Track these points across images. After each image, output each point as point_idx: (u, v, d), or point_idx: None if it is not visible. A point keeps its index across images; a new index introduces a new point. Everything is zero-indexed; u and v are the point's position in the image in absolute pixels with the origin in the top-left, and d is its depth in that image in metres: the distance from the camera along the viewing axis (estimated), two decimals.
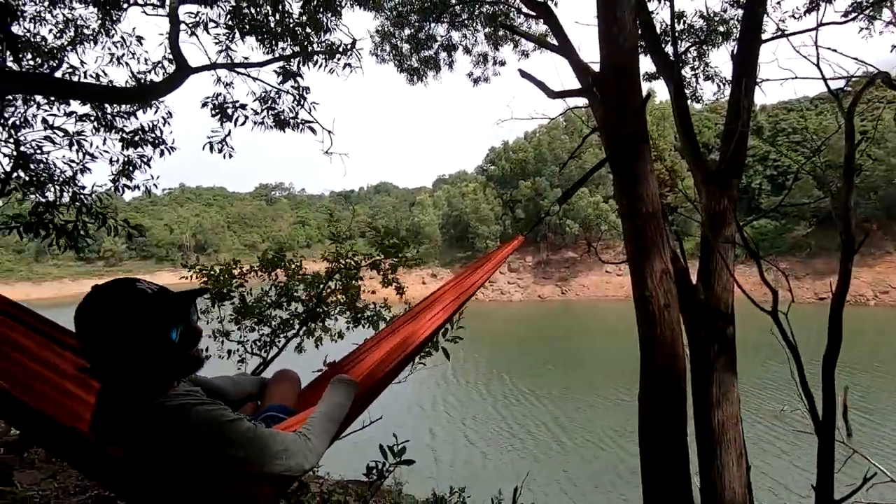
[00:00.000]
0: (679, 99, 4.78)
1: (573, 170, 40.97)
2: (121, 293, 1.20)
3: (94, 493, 3.14)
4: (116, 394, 1.24)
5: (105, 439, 1.24)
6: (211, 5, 6.43)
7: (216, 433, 1.21)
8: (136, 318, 1.18)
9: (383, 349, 1.97)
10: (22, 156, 5.55)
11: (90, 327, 1.18)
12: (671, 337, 3.08)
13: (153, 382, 1.24)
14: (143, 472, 1.26)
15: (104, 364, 1.20)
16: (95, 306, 1.18)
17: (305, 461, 1.30)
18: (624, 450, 13.96)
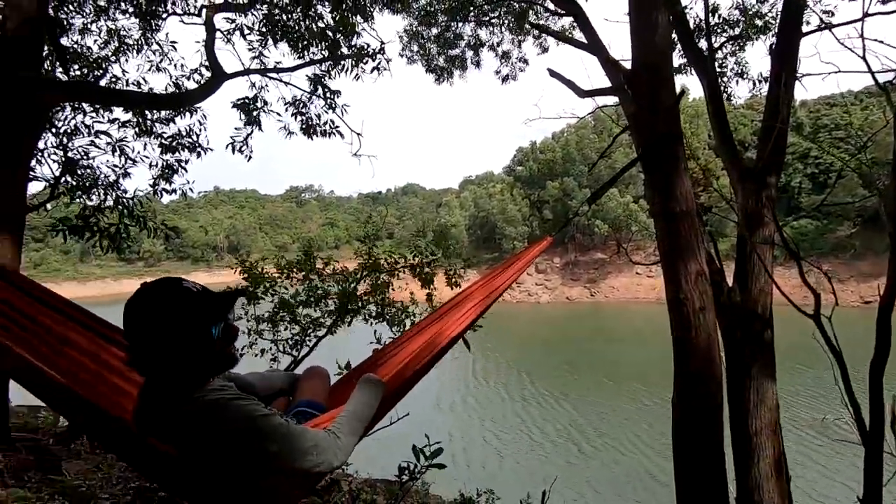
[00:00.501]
0: (714, 96, 4.64)
1: (602, 170, 40.31)
2: (167, 291, 1.26)
3: (135, 485, 3.27)
4: (157, 387, 1.29)
5: (146, 431, 1.29)
6: (245, 13, 6.62)
7: (251, 427, 1.24)
8: (181, 315, 1.24)
9: (410, 348, 1.98)
10: (69, 161, 5.84)
11: (137, 321, 1.24)
12: (707, 340, 2.98)
13: (192, 377, 1.29)
14: (182, 465, 1.31)
15: (148, 357, 1.26)
16: (143, 302, 1.24)
17: (335, 459, 1.33)
18: (646, 456, 13.65)
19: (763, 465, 3.72)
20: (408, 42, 8.37)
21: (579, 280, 48.88)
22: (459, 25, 8.17)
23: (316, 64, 6.64)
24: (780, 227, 3.64)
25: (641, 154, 3.12)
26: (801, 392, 18.03)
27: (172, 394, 1.27)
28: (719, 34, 7.02)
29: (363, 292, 5.16)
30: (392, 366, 1.89)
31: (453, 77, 8.62)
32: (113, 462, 4.11)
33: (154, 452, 1.32)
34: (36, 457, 3.67)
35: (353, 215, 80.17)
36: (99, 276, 57.53)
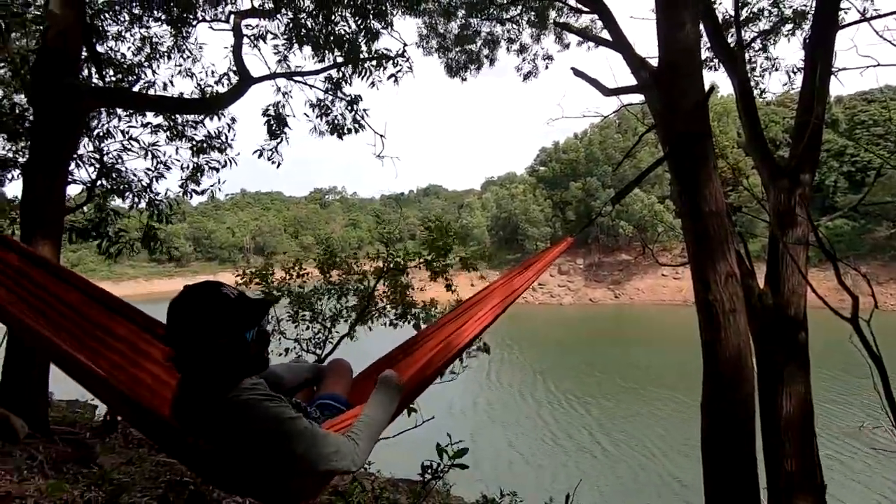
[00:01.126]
0: (744, 92, 4.52)
1: (627, 170, 39.63)
2: (207, 295, 1.33)
3: (167, 479, 3.36)
4: (193, 385, 1.35)
5: (182, 425, 1.36)
6: (271, 18, 6.76)
7: (278, 429, 1.30)
8: (217, 318, 1.31)
9: (429, 346, 1.99)
10: (104, 165, 6.06)
11: (178, 321, 1.31)
12: (737, 343, 2.90)
13: (226, 377, 1.34)
14: (215, 457, 1.37)
15: (186, 356, 1.32)
16: (184, 304, 1.32)
17: (353, 465, 1.39)
18: (672, 461, 13.35)
19: (796, 474, 3.60)
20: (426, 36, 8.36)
21: (603, 282, 48.18)
22: (479, 22, 8.14)
23: (339, 67, 6.74)
24: (815, 227, 3.51)
25: (669, 152, 3.05)
26: (837, 399, 17.38)
27: (206, 392, 1.32)
28: (750, 29, 6.83)
29: (383, 293, 5.21)
30: (411, 362, 1.91)
31: (468, 73, 8.60)
32: (145, 456, 4.24)
33: (189, 444, 1.38)
34: (73, 449, 3.81)
35: (376, 216, 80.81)
36: (131, 275, 59.39)
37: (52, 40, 4.15)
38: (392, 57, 6.69)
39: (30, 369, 4.09)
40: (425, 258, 5.27)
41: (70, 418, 5.59)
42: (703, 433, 3.13)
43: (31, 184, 4.14)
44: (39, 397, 4.19)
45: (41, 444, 3.68)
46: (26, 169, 4.30)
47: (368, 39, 6.70)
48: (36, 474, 3.00)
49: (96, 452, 3.91)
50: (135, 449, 4.52)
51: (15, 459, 3.18)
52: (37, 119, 4.38)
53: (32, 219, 4.09)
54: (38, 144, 4.25)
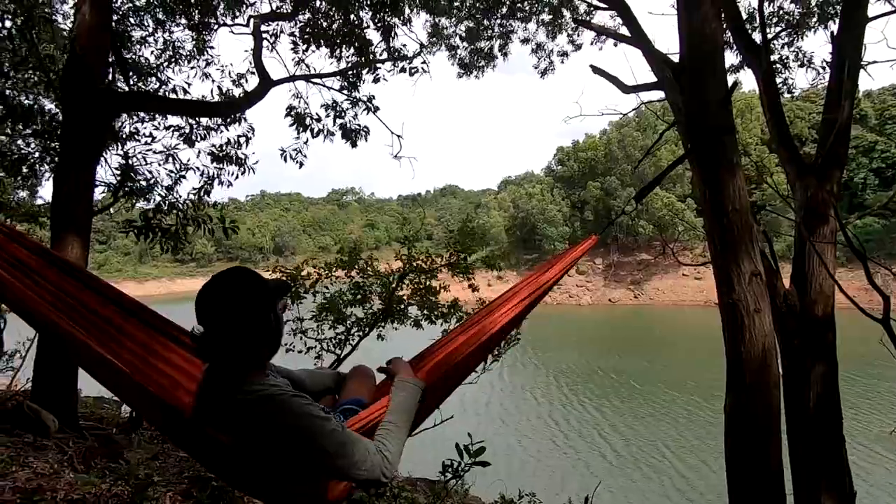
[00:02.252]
0: (769, 87, 4.41)
1: (646, 168, 39.07)
2: (237, 277, 1.38)
3: (190, 474, 3.43)
4: (218, 372, 1.36)
5: (204, 420, 1.36)
6: (290, 20, 6.85)
7: (309, 425, 1.29)
8: (251, 295, 1.35)
9: (454, 348, 1.98)
10: (129, 167, 6.21)
11: (211, 301, 1.34)
12: (762, 346, 2.82)
13: (251, 360, 1.36)
14: (236, 454, 1.37)
15: (214, 338, 1.33)
16: (218, 284, 1.36)
17: (383, 476, 1.35)
18: (686, 464, 13.12)
19: (825, 480, 3.49)
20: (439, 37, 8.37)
21: (622, 282, 47.58)
22: (494, 21, 8.12)
23: (356, 68, 6.80)
24: (844, 226, 3.41)
25: (691, 150, 2.99)
26: (867, 404, 16.85)
27: (232, 379, 1.33)
28: (775, 23, 6.67)
29: (406, 295, 5.23)
30: (436, 365, 1.90)
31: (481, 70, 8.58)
32: (169, 452, 4.34)
33: (210, 441, 1.38)
34: (101, 444, 3.91)
35: (393, 217, 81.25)
36: (155, 276, 60.82)
37: (82, 46, 4.27)
38: (409, 57, 6.72)
39: (59, 367, 4.22)
40: (448, 261, 5.29)
41: (97, 414, 5.75)
42: (727, 438, 3.05)
43: (61, 186, 4.27)
44: (69, 394, 4.32)
45: (71, 439, 3.79)
46: (57, 171, 4.43)
47: (384, 36, 6.74)
48: (66, 468, 3.09)
49: (122, 447, 4.01)
50: (159, 444, 4.63)
51: (47, 453, 3.29)
52: (66, 123, 4.51)
53: (63, 219, 4.21)
54: (67, 147, 4.38)
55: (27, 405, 3.84)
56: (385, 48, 6.85)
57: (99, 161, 4.89)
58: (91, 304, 1.63)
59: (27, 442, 3.42)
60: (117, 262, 59.18)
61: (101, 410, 6.19)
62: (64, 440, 3.72)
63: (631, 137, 49.96)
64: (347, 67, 6.81)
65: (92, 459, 3.43)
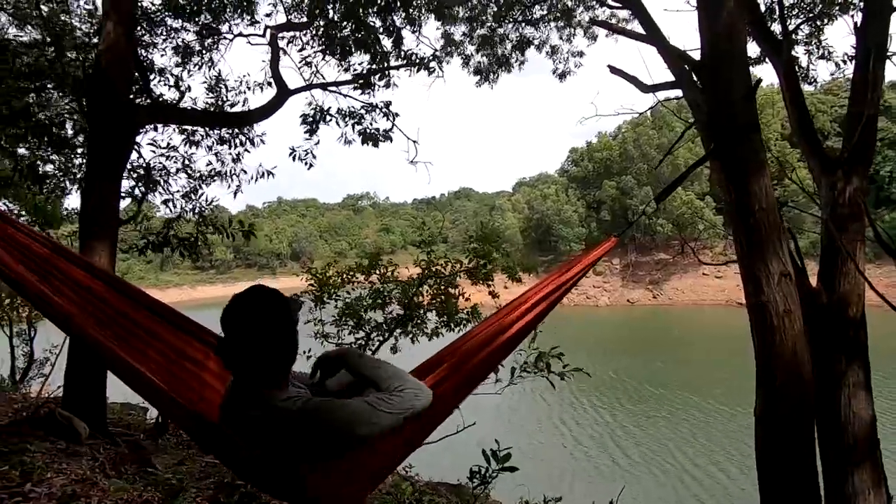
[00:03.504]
0: (790, 81, 4.32)
1: (664, 167, 38.57)
2: (264, 294, 1.41)
3: (216, 480, 3.48)
4: (244, 384, 1.39)
5: (231, 429, 1.39)
6: (305, 30, 6.94)
7: (352, 419, 1.33)
8: (275, 312, 1.39)
9: (473, 349, 1.97)
10: (151, 177, 6.36)
11: (235, 322, 1.37)
12: (793, 347, 2.74)
13: (273, 373, 1.39)
14: (262, 461, 1.39)
15: (241, 351, 1.36)
16: (246, 303, 1.39)
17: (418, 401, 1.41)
18: (700, 467, 12.83)
19: (859, 484, 3.38)
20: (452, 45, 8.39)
21: (641, 282, 46.97)
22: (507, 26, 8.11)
23: (371, 74, 6.86)
24: (873, 221, 3.31)
25: (714, 148, 2.94)
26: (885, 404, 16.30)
27: (254, 393, 1.36)
28: (795, 15, 6.53)
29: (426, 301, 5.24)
30: (452, 367, 1.90)
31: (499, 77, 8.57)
32: (194, 457, 4.40)
33: (237, 448, 1.41)
34: (130, 450, 3.99)
35: (408, 221, 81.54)
36: (176, 283, 61.98)
37: (107, 61, 4.39)
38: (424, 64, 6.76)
39: (89, 374, 4.32)
40: (467, 267, 5.28)
41: (124, 420, 5.87)
42: (758, 444, 2.96)
43: (89, 196, 4.39)
44: (98, 400, 4.42)
45: (101, 445, 3.87)
46: (85, 182, 4.56)
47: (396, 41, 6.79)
48: (98, 474, 3.16)
49: (150, 453, 4.08)
50: (185, 450, 4.70)
51: (80, 460, 3.36)
52: (92, 136, 4.63)
53: (91, 230, 4.32)
54: (94, 159, 4.50)
55: (59, 412, 3.94)
56: (397, 53, 6.90)
57: (124, 172, 5.01)
58: (121, 307, 1.67)
59: (60, 448, 3.50)
60: (140, 269, 60.42)
61: (127, 417, 6.32)
62: (95, 446, 3.80)
63: (647, 136, 49.38)
64: (362, 74, 6.87)
65: (122, 465, 3.51)
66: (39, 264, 1.65)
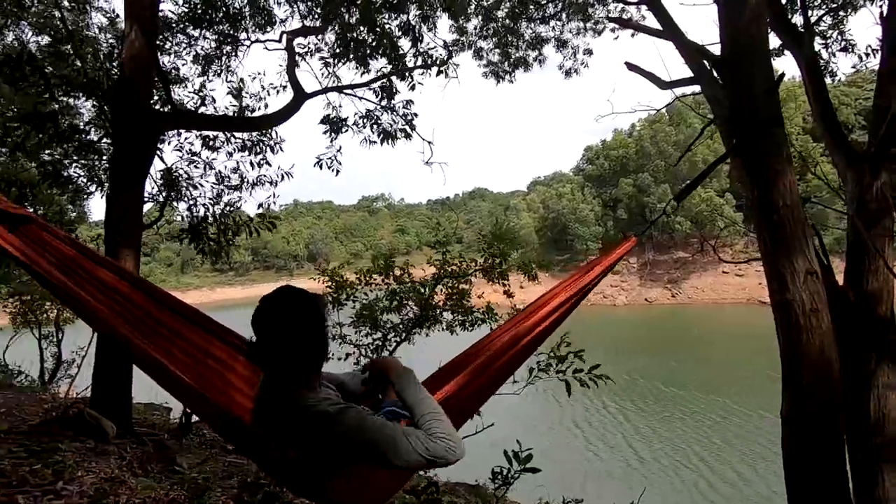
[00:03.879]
0: (813, 74, 4.23)
1: (682, 164, 37.99)
2: (297, 294, 1.43)
3: (239, 479, 3.54)
4: (274, 383, 1.41)
5: (261, 428, 1.41)
6: (321, 34, 7.01)
7: (370, 438, 1.31)
8: (308, 312, 1.40)
9: (494, 352, 1.97)
10: (173, 182, 6.49)
11: (266, 321, 1.38)
12: (820, 346, 2.67)
13: (303, 374, 1.40)
14: (295, 462, 1.41)
15: (273, 350, 1.38)
16: (278, 302, 1.40)
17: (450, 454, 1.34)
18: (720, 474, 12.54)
19: (889, 489, 3.29)
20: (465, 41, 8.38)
21: (659, 281, 46.31)
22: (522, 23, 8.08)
23: (387, 76, 6.90)
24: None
25: (736, 145, 2.88)
26: None
27: (285, 393, 1.37)
28: (817, 6, 6.37)
29: (441, 301, 5.25)
30: (475, 370, 1.90)
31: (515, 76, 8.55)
32: (217, 456, 4.48)
33: (267, 447, 1.44)
34: (155, 449, 4.08)
35: (423, 221, 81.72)
36: (197, 285, 63.18)
37: (130, 69, 4.49)
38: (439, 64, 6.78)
39: (116, 375, 4.43)
40: (482, 266, 5.29)
41: (149, 420, 5.99)
42: (785, 445, 2.88)
43: (114, 202, 4.50)
44: (125, 401, 4.53)
45: (128, 445, 3.97)
46: (110, 189, 4.67)
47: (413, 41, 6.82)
48: (126, 473, 3.23)
49: (175, 452, 4.17)
50: (208, 449, 4.79)
51: (108, 458, 3.45)
52: (116, 142, 4.74)
53: (116, 234, 4.43)
54: (118, 166, 4.61)
55: (88, 412, 4.05)
56: (414, 52, 6.94)
57: (147, 177, 5.12)
58: (146, 307, 1.71)
59: (89, 447, 3.60)
60: (161, 272, 61.75)
61: (152, 416, 6.45)
62: (122, 445, 3.90)
63: (664, 133, 48.69)
64: (380, 76, 6.92)
65: (149, 464, 3.59)
66: (69, 265, 1.70)
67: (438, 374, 1.91)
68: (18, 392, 6.40)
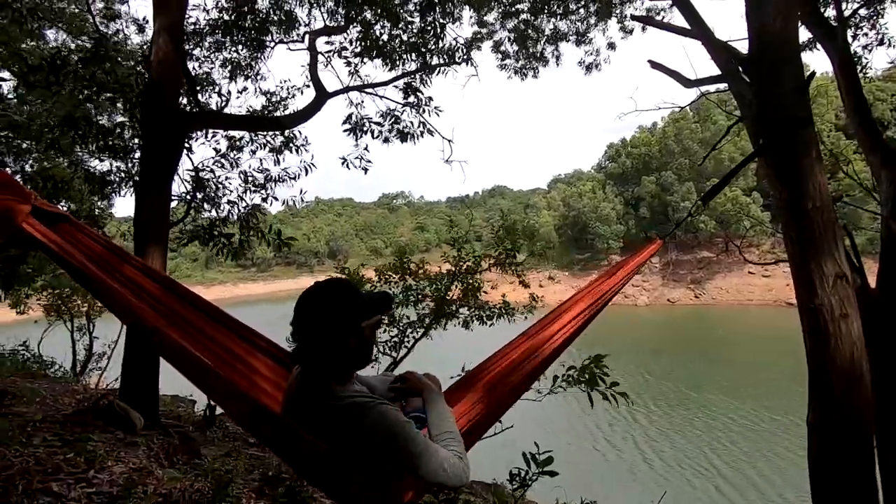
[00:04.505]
0: (846, 69, 4.10)
1: (708, 162, 37.13)
2: (339, 285, 1.46)
3: (261, 472, 3.61)
4: (310, 377, 1.44)
5: (294, 420, 1.44)
6: (342, 33, 7.08)
7: (398, 432, 1.34)
8: (349, 304, 1.42)
9: (519, 357, 1.97)
10: (200, 181, 6.64)
11: (305, 313, 1.41)
12: (850, 353, 2.59)
13: (342, 366, 1.43)
14: (324, 456, 1.43)
15: (310, 345, 1.41)
16: (320, 294, 1.43)
17: (460, 481, 1.39)
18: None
19: None
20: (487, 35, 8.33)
21: (682, 281, 45.40)
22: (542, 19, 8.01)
23: (409, 75, 6.93)
24: None
25: (764, 143, 2.81)
26: None
27: (322, 384, 1.41)
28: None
29: (456, 297, 5.27)
30: (498, 375, 1.90)
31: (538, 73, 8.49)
32: (240, 449, 4.58)
33: (297, 441, 1.47)
34: (181, 441, 4.19)
35: (442, 219, 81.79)
36: (220, 280, 64.43)
37: (158, 72, 4.61)
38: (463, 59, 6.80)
39: (144, 368, 4.56)
40: (493, 256, 5.32)
41: (175, 412, 6.15)
42: (812, 453, 2.80)
43: (142, 201, 4.63)
44: (152, 393, 4.66)
45: (155, 436, 4.08)
46: (138, 188, 4.81)
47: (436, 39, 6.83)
48: (154, 463, 3.34)
49: (199, 445, 4.28)
50: (231, 442, 4.89)
51: (136, 449, 3.56)
52: (145, 142, 4.87)
53: (144, 232, 4.56)
54: (147, 165, 4.73)
55: (117, 404, 4.18)
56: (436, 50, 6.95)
57: (174, 176, 5.25)
58: (172, 305, 1.76)
59: (119, 438, 3.72)
60: (186, 267, 63.21)
61: (178, 409, 6.62)
62: (149, 437, 4.01)
63: (689, 130, 47.65)
64: (402, 74, 6.95)
65: (174, 456, 3.69)
66: (102, 263, 1.76)
67: (455, 386, 1.91)
68: (53, 382, 6.64)
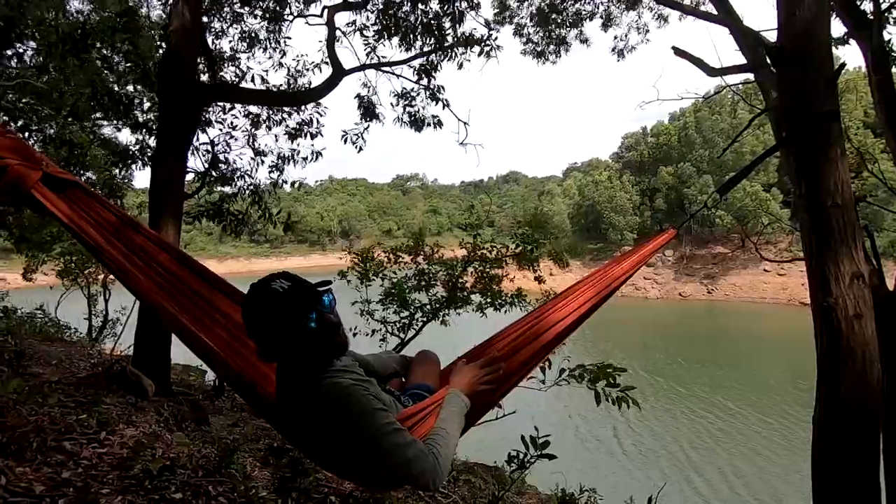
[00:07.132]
0: (879, 65, 3.93)
1: (728, 155, 36.35)
2: (259, 294, 1.39)
3: (267, 442, 3.70)
4: (284, 371, 1.46)
5: (284, 404, 1.48)
6: (361, 10, 6.99)
7: (367, 423, 1.33)
8: (273, 312, 1.36)
9: (520, 341, 1.94)
10: (215, 155, 6.68)
11: (247, 320, 1.41)
12: (862, 355, 2.54)
13: (310, 362, 1.42)
14: (309, 434, 1.48)
15: (267, 349, 1.42)
16: (247, 306, 1.41)
17: (431, 482, 1.35)
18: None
19: None
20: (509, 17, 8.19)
21: (695, 276, 44.91)
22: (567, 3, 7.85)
23: (427, 55, 6.85)
24: None
25: (786, 138, 2.73)
26: None
27: (297, 378, 1.42)
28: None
29: (470, 283, 5.27)
30: (500, 358, 1.89)
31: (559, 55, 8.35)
32: (247, 419, 4.69)
33: (288, 419, 1.51)
34: (190, 409, 4.30)
35: (455, 203, 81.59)
36: (233, 255, 65.32)
37: (176, 44, 4.61)
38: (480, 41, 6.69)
39: (157, 336, 4.67)
40: (514, 252, 5.28)
41: (185, 381, 6.31)
42: (816, 455, 2.77)
43: (157, 172, 4.67)
44: (164, 361, 4.77)
45: (165, 403, 4.20)
46: (154, 159, 4.85)
47: (454, 23, 6.73)
48: (163, 428, 3.43)
49: (208, 413, 4.38)
50: (239, 412, 5.01)
51: (147, 414, 3.67)
52: (162, 113, 4.90)
53: (159, 203, 4.61)
54: (163, 137, 4.77)
55: (130, 370, 4.29)
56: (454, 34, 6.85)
57: (190, 148, 5.29)
58: (185, 278, 1.77)
59: (130, 403, 3.83)
60: (201, 241, 64.06)
61: (188, 377, 6.79)
62: (160, 403, 4.12)
63: (710, 121, 46.60)
64: (419, 54, 6.87)
65: (183, 422, 3.79)
66: (112, 233, 1.77)
67: (465, 357, 1.91)
68: (68, 346, 6.83)
